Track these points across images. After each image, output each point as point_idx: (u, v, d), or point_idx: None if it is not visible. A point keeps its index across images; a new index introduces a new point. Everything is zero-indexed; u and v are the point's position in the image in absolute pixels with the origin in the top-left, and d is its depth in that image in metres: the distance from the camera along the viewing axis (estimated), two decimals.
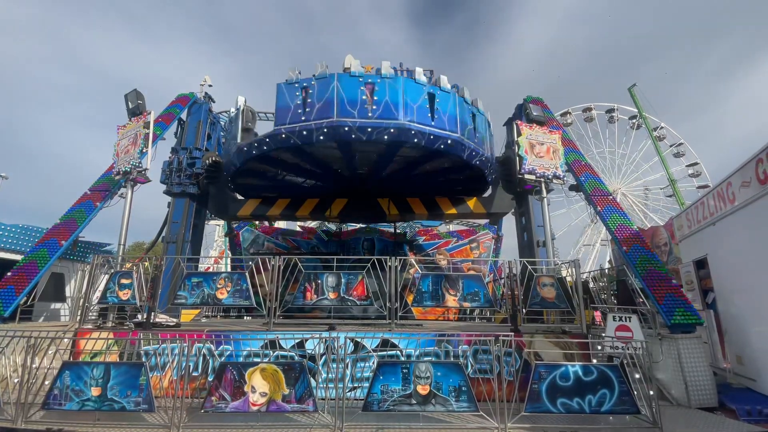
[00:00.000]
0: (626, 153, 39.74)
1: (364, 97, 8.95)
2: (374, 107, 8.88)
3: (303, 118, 9.01)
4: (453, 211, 12.97)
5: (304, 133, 8.92)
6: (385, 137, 8.84)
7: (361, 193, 12.93)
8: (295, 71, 9.60)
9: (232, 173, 11.10)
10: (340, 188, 12.82)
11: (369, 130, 8.75)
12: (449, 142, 9.28)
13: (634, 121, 39.54)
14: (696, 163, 37.37)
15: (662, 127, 38.97)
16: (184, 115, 13.02)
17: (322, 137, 8.87)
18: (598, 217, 9.77)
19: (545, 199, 10.18)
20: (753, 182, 6.43)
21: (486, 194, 13.03)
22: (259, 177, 11.96)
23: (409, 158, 10.38)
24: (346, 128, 8.74)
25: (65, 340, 6.43)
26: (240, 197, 13.47)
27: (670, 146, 38.52)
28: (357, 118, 8.80)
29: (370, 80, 9.06)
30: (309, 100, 9.06)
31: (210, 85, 14.01)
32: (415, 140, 8.97)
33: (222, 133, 14.11)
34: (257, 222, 16.44)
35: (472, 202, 12.89)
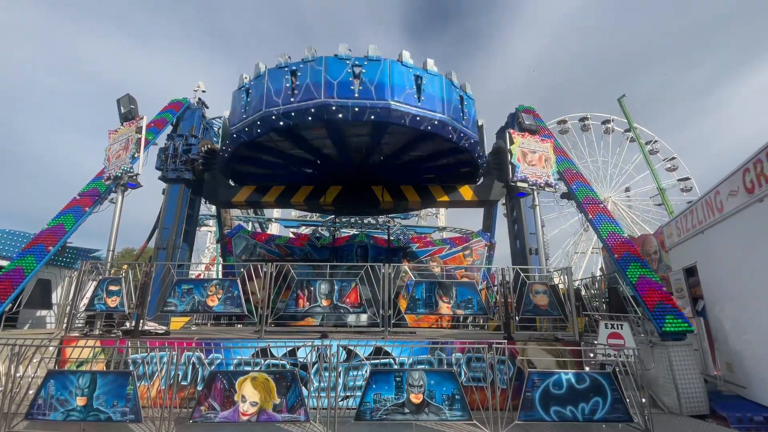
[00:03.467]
0: (611, 160, 40.41)
1: (351, 79, 9.11)
2: (360, 88, 9.05)
3: (292, 100, 9.17)
4: (445, 198, 13.07)
5: (293, 114, 9.10)
6: (372, 117, 8.99)
7: (355, 181, 13.03)
8: (285, 56, 9.74)
9: (227, 159, 11.20)
10: (335, 176, 12.93)
11: (356, 109, 8.92)
12: (436, 122, 9.46)
13: (607, 126, 40.22)
14: (687, 178, 38.02)
15: (655, 141, 39.67)
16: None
17: (309, 117, 9.06)
18: (589, 225, 9.84)
19: (537, 206, 10.27)
20: (740, 191, 6.54)
21: (478, 182, 13.22)
22: (254, 164, 12.09)
23: (399, 141, 10.53)
24: (333, 108, 8.90)
25: (51, 348, 6.28)
26: (234, 184, 13.49)
27: (663, 160, 39.23)
28: (343, 99, 8.97)
29: (357, 62, 9.22)
30: (297, 83, 9.24)
31: (203, 91, 14.00)
32: (402, 120, 9.14)
33: (215, 139, 14.05)
34: (249, 228, 16.34)
35: (464, 190, 13.02)
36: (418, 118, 9.25)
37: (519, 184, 9.78)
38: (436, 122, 9.46)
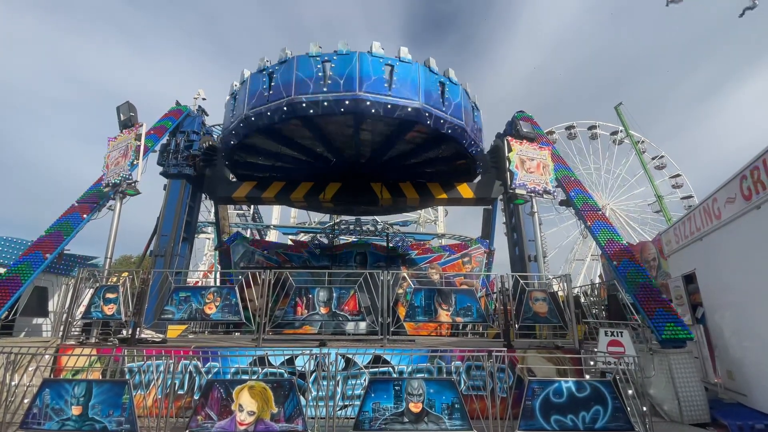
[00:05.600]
0: (612, 169, 40.64)
1: (320, 74, 9.37)
2: (329, 82, 9.30)
3: (267, 100, 9.55)
4: (443, 195, 13.15)
5: (268, 113, 9.47)
6: (341, 109, 9.18)
7: (355, 178, 13.15)
8: (264, 60, 10.11)
9: (226, 164, 11.58)
10: (334, 173, 13.05)
11: (325, 103, 9.15)
12: (409, 110, 9.50)
13: (615, 136, 40.59)
14: (678, 175, 38.42)
15: (642, 141, 40.06)
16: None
17: (283, 115, 9.40)
18: (588, 232, 9.87)
19: (536, 214, 10.28)
20: (738, 198, 6.57)
21: (476, 180, 13.31)
22: (254, 161, 12.32)
23: (382, 132, 10.66)
24: (303, 104, 9.19)
25: (46, 356, 6.22)
26: (235, 180, 13.62)
27: (652, 159, 39.56)
28: (312, 93, 9.23)
29: (326, 58, 9.48)
30: (273, 84, 9.59)
31: (204, 99, 14.12)
32: (372, 110, 9.25)
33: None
34: (248, 234, 16.31)
35: (462, 188, 13.12)
36: (389, 106, 9.34)
37: (517, 191, 9.82)
38: (409, 109, 9.49)
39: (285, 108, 9.33)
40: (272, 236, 33.18)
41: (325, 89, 9.24)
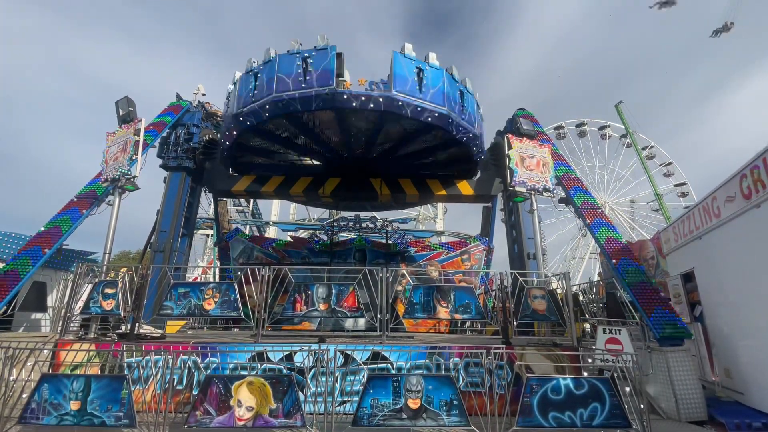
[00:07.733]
0: (608, 166, 40.53)
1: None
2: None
3: (303, 86, 9.50)
4: (443, 192, 13.19)
5: (304, 99, 9.42)
6: (372, 105, 9.24)
7: (354, 173, 13.17)
8: (297, 43, 10.04)
9: (229, 146, 11.34)
10: (334, 167, 13.08)
11: (362, 98, 9.24)
12: (436, 114, 9.67)
13: (603, 131, 40.41)
14: (669, 163, 38.44)
15: (652, 146, 39.92)
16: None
17: (321, 103, 9.39)
18: (587, 230, 9.87)
19: (535, 211, 10.28)
20: (737, 197, 6.57)
21: (475, 177, 13.33)
22: (255, 152, 12.34)
23: (399, 131, 10.73)
24: (345, 96, 9.24)
25: (45, 351, 6.22)
26: (234, 174, 13.58)
27: (642, 149, 39.53)
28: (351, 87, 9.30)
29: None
30: (309, 70, 9.56)
31: (203, 94, 14.07)
32: (403, 111, 9.36)
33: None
34: (247, 231, 16.30)
35: (462, 185, 13.15)
36: (419, 109, 9.45)
37: (517, 189, 9.81)
38: (436, 114, 9.65)
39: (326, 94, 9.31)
40: (271, 233, 33.19)
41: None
